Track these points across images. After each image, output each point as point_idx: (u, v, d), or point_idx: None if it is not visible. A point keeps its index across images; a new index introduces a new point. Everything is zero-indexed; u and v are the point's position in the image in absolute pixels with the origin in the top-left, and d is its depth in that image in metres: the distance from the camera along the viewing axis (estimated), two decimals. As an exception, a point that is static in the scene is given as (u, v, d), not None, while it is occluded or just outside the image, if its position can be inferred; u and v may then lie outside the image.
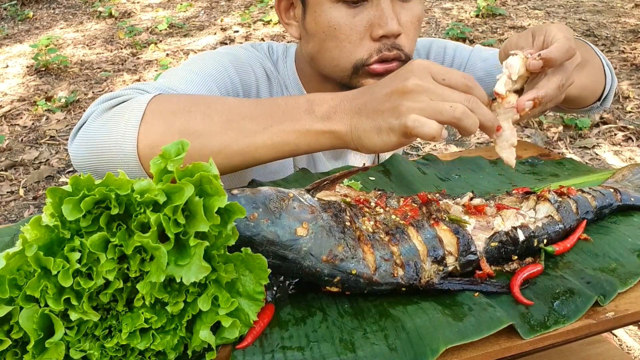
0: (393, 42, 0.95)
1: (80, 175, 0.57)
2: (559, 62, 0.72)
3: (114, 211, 0.57)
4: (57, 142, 3.30)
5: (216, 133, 0.76)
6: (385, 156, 1.12)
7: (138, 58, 4.65)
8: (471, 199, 0.78)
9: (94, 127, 0.79)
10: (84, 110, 3.65)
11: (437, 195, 0.79)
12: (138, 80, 4.18)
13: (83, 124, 0.81)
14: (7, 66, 4.62)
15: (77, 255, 0.55)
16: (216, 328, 0.62)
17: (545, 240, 0.75)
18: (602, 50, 3.24)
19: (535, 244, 0.75)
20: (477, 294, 0.67)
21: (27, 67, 4.53)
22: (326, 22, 0.95)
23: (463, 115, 0.67)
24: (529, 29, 0.81)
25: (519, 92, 0.75)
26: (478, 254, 0.71)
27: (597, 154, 2.77)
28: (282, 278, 0.69)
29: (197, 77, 0.95)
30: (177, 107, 0.78)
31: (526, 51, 0.74)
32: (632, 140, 2.85)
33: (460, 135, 2.77)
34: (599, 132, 2.96)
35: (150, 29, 5.38)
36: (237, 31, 5.10)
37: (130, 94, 0.83)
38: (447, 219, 0.72)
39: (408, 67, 0.71)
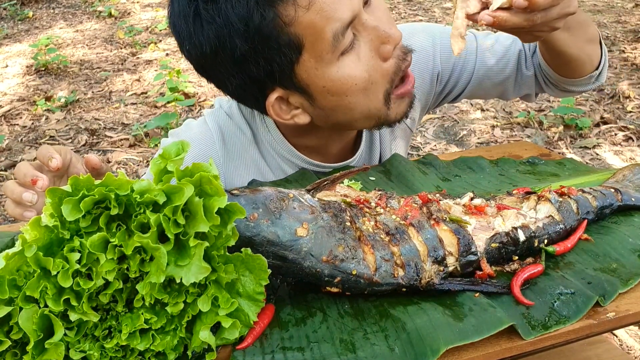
0: (400, 47, 0.89)
1: (79, 175, 0.57)
2: (542, 6, 0.75)
3: (114, 211, 0.57)
4: (57, 142, 3.30)
5: None
6: (386, 156, 1.12)
7: (138, 58, 4.64)
8: (472, 199, 0.78)
9: None
10: (84, 111, 3.65)
11: (438, 195, 0.78)
12: (137, 80, 4.17)
13: None
14: (7, 66, 4.62)
15: (76, 255, 0.55)
16: (216, 329, 0.62)
17: (545, 241, 0.75)
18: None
19: (536, 244, 0.74)
20: (477, 294, 0.67)
21: (27, 66, 4.53)
22: (344, 85, 0.87)
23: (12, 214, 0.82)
24: None
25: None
26: (478, 254, 0.71)
27: (597, 154, 2.77)
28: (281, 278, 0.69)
29: None
30: None
31: None
32: (633, 140, 2.85)
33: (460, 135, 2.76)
34: (599, 132, 2.96)
35: (149, 29, 5.37)
36: (237, 31, 5.09)
37: None
38: (447, 219, 0.72)
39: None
